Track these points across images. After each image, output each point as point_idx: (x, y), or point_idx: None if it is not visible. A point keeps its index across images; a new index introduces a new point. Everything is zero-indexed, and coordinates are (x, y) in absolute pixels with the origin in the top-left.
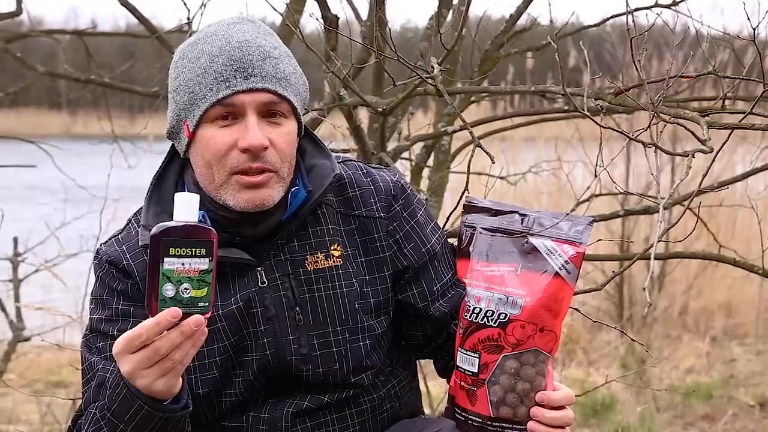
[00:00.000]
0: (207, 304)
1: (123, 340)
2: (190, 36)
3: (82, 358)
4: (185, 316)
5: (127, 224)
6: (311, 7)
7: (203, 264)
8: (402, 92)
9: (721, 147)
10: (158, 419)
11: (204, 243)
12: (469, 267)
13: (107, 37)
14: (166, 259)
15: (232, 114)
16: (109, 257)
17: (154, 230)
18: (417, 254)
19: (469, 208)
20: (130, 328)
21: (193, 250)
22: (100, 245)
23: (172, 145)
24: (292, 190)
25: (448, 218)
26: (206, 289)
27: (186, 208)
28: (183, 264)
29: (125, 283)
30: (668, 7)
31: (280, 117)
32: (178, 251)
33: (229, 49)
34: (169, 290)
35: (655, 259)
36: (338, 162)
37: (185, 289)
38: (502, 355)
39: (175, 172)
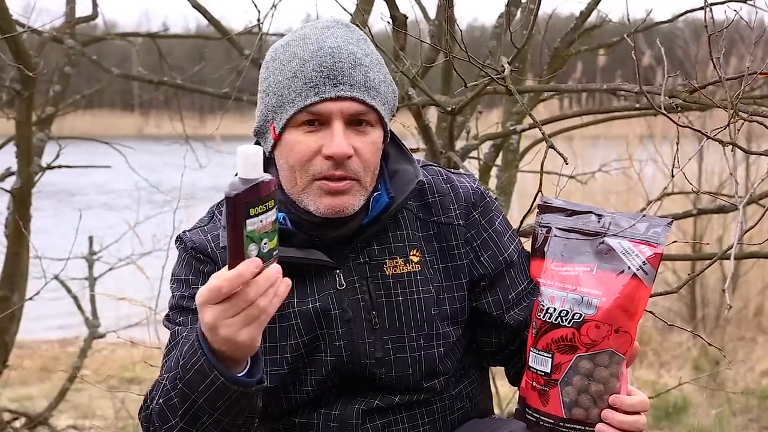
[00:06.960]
0: (278, 251)
1: (206, 290)
2: (260, 38)
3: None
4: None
5: (212, 217)
6: (380, 7)
7: (273, 215)
8: (471, 91)
9: None
10: (233, 392)
11: (272, 194)
12: (544, 267)
13: (178, 39)
14: (248, 221)
15: (319, 120)
16: (194, 243)
17: (230, 194)
18: (494, 263)
19: (544, 208)
20: None
21: (266, 205)
22: (184, 231)
23: (256, 142)
24: (374, 194)
25: (522, 220)
26: (276, 237)
27: (251, 163)
28: (261, 221)
29: (212, 266)
30: (744, 1)
31: (367, 126)
32: (256, 210)
33: (321, 54)
34: (253, 250)
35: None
36: (419, 167)
37: (264, 244)
38: (576, 355)
39: None
